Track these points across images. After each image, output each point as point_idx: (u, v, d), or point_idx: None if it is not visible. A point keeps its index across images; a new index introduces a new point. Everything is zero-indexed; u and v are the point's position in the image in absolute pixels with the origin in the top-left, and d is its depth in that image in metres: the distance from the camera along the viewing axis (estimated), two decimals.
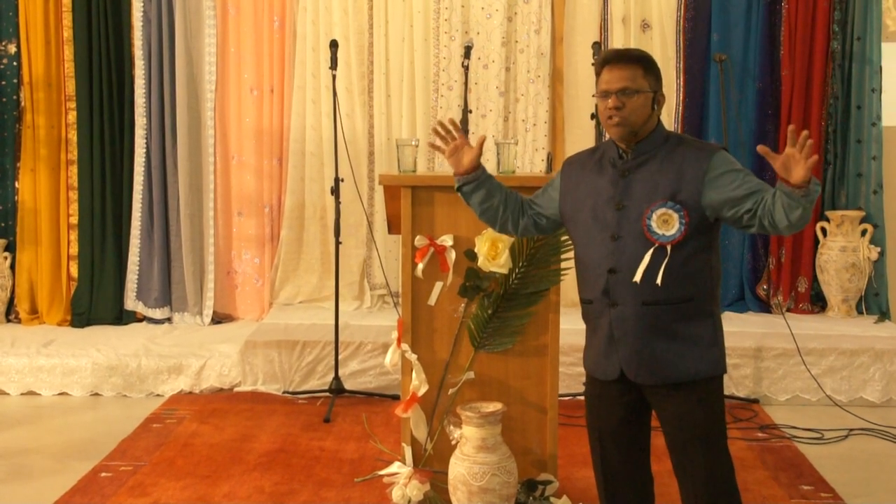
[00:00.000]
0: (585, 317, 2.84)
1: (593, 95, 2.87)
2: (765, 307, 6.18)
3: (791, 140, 2.43)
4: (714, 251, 2.73)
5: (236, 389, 5.35)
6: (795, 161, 2.42)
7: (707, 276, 2.70)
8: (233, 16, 6.28)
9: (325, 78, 6.12)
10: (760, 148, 2.48)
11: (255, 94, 6.30)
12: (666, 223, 2.62)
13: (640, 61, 2.71)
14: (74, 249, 6.30)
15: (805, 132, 2.43)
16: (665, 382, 2.69)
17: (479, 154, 2.89)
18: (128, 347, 5.57)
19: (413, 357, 3.74)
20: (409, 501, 3.71)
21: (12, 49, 6.27)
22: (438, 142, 2.92)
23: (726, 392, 4.18)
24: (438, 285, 3.76)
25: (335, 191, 5.11)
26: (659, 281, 2.61)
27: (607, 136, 2.78)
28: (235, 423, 4.83)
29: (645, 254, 2.63)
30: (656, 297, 2.64)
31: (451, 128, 2.90)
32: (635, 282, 2.63)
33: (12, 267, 6.31)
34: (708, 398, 2.72)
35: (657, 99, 2.73)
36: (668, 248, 2.62)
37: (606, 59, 2.74)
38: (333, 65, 5.10)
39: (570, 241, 3.59)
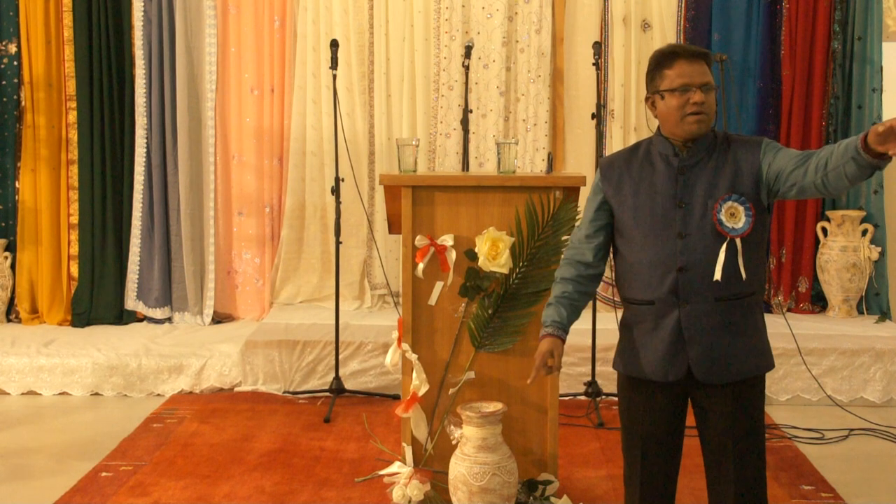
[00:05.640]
0: (636, 319, 2.74)
1: (659, 91, 2.68)
2: (765, 307, 6.17)
3: None
4: (764, 245, 2.73)
5: (237, 389, 5.35)
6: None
7: (763, 269, 2.72)
8: (233, 15, 6.28)
9: (325, 77, 6.12)
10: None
11: (256, 94, 6.30)
12: (733, 216, 2.61)
13: (707, 57, 2.69)
14: (75, 249, 6.29)
15: None
16: (733, 380, 2.66)
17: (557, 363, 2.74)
18: (128, 347, 5.57)
19: (413, 357, 3.74)
20: (410, 501, 3.71)
21: (13, 49, 6.27)
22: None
23: None
24: (439, 285, 3.75)
25: (335, 190, 5.11)
26: (743, 274, 2.60)
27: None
28: (236, 422, 4.83)
29: (716, 249, 2.60)
30: (729, 293, 2.62)
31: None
32: (709, 278, 2.60)
33: (13, 267, 6.31)
34: (761, 393, 2.74)
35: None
36: (738, 241, 2.60)
37: (676, 52, 2.67)
38: (334, 64, 5.10)
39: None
